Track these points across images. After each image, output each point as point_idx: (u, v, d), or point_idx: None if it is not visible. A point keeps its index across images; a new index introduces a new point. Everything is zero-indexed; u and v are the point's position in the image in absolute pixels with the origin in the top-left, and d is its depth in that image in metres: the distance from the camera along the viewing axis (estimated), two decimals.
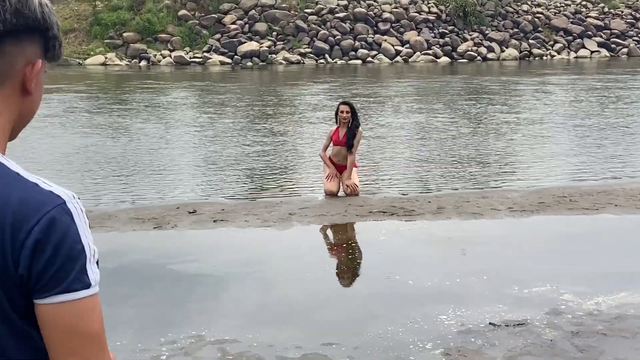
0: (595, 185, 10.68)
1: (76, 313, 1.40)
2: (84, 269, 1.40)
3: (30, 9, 1.48)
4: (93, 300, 1.42)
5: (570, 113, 19.99)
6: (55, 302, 1.38)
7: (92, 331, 1.42)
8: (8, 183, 1.41)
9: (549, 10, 55.63)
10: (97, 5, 48.90)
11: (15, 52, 1.49)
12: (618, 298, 6.10)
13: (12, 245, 1.36)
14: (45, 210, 1.39)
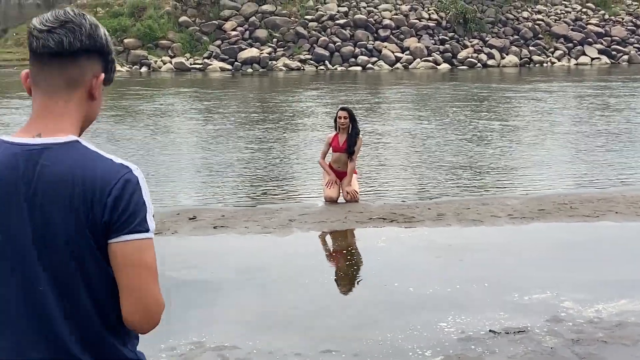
0: (596, 193, 10.67)
1: (138, 249, 1.93)
2: (145, 219, 1.95)
3: (98, 35, 2.02)
4: (150, 242, 1.96)
5: (570, 120, 20.00)
6: (124, 240, 1.92)
7: (148, 264, 1.95)
8: (93, 159, 1.96)
9: (549, 17, 55.69)
10: (98, 11, 48.95)
11: (86, 66, 2.01)
12: (618, 305, 6.08)
13: (100, 201, 1.91)
14: (120, 176, 1.93)
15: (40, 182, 1.93)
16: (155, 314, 1.99)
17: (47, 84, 2.00)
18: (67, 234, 1.92)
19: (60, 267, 1.94)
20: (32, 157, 1.94)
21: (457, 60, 49.50)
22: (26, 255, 1.94)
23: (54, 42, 1.96)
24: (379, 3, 52.93)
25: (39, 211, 1.93)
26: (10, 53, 47.09)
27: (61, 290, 1.95)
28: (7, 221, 1.94)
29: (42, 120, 1.99)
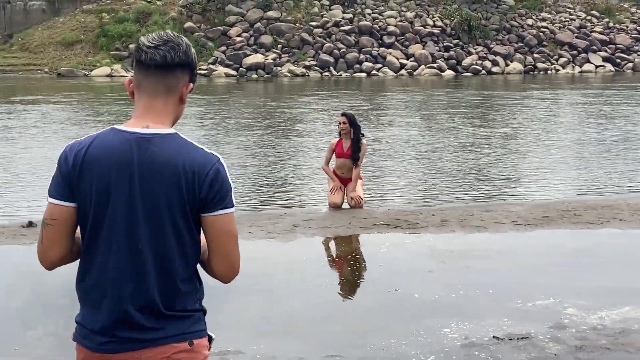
0: (600, 200, 10.67)
1: (227, 220, 2.55)
2: (231, 198, 2.57)
3: (191, 53, 2.60)
4: (233, 216, 2.57)
5: (577, 127, 20.01)
6: (217, 214, 2.52)
7: (234, 232, 2.59)
8: (190, 149, 2.53)
9: (553, 25, 55.72)
10: (104, 17, 49.09)
11: (180, 76, 2.58)
12: (622, 312, 6.08)
13: (198, 182, 2.48)
14: (213, 163, 2.53)
15: (150, 163, 2.47)
16: (238, 268, 2.65)
17: (151, 89, 2.55)
18: (169, 203, 2.48)
19: (162, 230, 2.50)
20: (143, 143, 2.49)
21: (462, 67, 49.54)
22: (137, 219, 2.49)
23: (160, 57, 2.52)
24: (384, 10, 53.01)
25: (147, 184, 2.48)
26: (16, 58, 47.17)
27: (159, 249, 2.51)
28: (121, 192, 2.48)
29: (147, 115, 2.55)
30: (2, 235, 8.68)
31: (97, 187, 2.49)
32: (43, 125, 19.89)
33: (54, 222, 2.54)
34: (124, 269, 2.51)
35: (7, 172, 13.21)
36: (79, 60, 46.08)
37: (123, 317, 2.52)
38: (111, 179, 2.48)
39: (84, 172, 2.50)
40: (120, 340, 2.53)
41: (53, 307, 6.33)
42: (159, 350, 2.54)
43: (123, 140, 2.49)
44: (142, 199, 2.48)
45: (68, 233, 2.57)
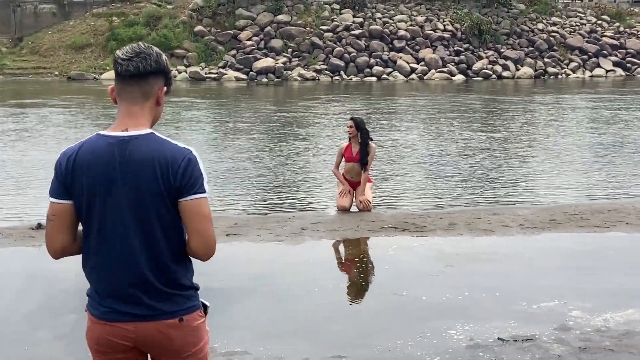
0: (607, 203, 10.69)
1: (200, 204, 2.90)
2: (202, 184, 2.90)
3: (162, 61, 2.96)
4: (207, 199, 2.92)
5: (584, 131, 20.01)
6: (190, 199, 2.88)
7: (207, 213, 2.93)
8: (164, 144, 2.90)
9: (564, 29, 55.64)
10: (114, 20, 49.29)
11: (154, 82, 2.94)
12: (626, 315, 6.12)
13: (172, 173, 2.85)
14: (184, 155, 2.87)
15: (130, 161, 2.86)
16: (213, 247, 2.98)
17: (129, 96, 2.93)
18: (151, 194, 2.87)
19: (146, 217, 2.89)
20: (123, 145, 2.88)
21: (472, 72, 49.50)
22: (120, 210, 2.89)
23: (133, 67, 2.89)
24: (395, 14, 53.05)
25: (129, 179, 2.87)
26: (26, 61, 47.39)
27: (145, 233, 2.91)
28: (108, 189, 2.89)
29: (127, 120, 2.93)
30: (11, 237, 8.77)
31: (87, 186, 2.91)
32: (44, 129, 20.03)
33: (54, 217, 2.98)
34: (117, 253, 2.92)
35: (17, 174, 13.33)
36: (89, 63, 46.26)
37: (118, 294, 2.95)
38: (98, 178, 2.89)
39: (76, 174, 2.92)
40: (118, 312, 2.96)
41: (62, 307, 6.40)
42: (151, 325, 2.96)
43: (106, 144, 2.90)
44: (126, 193, 2.89)
45: (67, 226, 2.98)
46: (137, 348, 3.03)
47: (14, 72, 45.17)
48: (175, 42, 47.19)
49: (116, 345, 3.00)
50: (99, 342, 3.03)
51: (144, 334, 2.97)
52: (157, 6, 51.42)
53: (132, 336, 2.98)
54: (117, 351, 3.02)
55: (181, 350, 3.04)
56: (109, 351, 3.03)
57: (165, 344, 3.01)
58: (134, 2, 52.78)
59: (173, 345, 3.02)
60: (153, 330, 2.97)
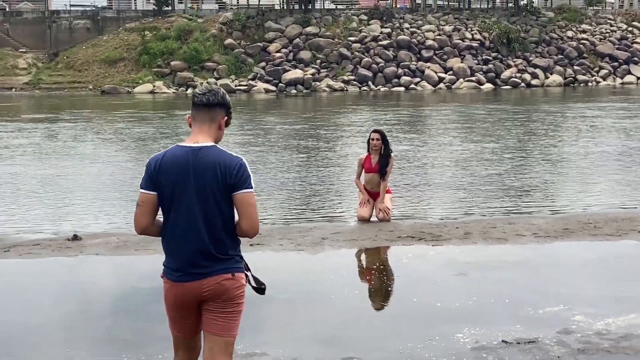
0: (622, 212, 10.94)
1: (248, 196, 4.00)
2: (250, 182, 4.01)
3: (225, 98, 4.14)
4: (253, 193, 4.02)
5: (607, 138, 20.19)
6: (241, 192, 3.99)
7: (253, 203, 4.02)
8: (223, 153, 4.02)
9: (594, 37, 55.47)
10: (146, 35, 50.05)
11: (218, 112, 4.11)
12: (628, 319, 6.41)
13: (228, 174, 3.96)
14: (237, 162, 3.99)
15: (200, 164, 3.99)
16: (257, 228, 4.09)
17: (200, 119, 4.11)
18: (212, 188, 3.98)
19: (207, 204, 4.00)
20: (194, 152, 4.03)
21: (501, 80, 49.57)
22: (191, 198, 4.01)
23: (205, 100, 4.10)
24: (422, 24, 53.31)
25: (199, 178, 3.99)
26: (61, 76, 48.29)
27: (206, 215, 4.01)
28: (184, 183, 4.01)
29: (198, 136, 4.09)
30: (49, 247, 9.24)
31: (168, 181, 4.03)
32: (76, 145, 20.57)
33: (142, 204, 4.10)
34: (187, 229, 4.03)
35: (57, 188, 13.87)
36: (122, 77, 47.04)
37: (188, 260, 4.05)
38: (177, 175, 4.02)
39: (161, 172, 4.04)
40: (188, 274, 4.06)
41: (96, 319, 6.83)
42: (212, 279, 4.05)
43: (183, 151, 4.06)
44: (195, 187, 4.00)
45: (151, 211, 4.11)
46: (201, 303, 4.11)
47: (49, 87, 46.11)
48: (206, 55, 47.83)
49: (187, 302, 4.10)
50: (175, 300, 4.12)
51: (207, 287, 4.04)
52: (188, 20, 52.13)
53: (198, 291, 4.06)
54: (188, 307, 4.11)
55: (232, 298, 4.11)
56: (182, 307, 4.12)
57: (222, 292, 4.07)
58: (166, 16, 53.57)
59: (227, 293, 4.09)
60: (213, 283, 4.05)
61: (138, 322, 6.54)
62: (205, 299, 4.08)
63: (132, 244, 9.32)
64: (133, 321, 6.58)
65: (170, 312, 4.20)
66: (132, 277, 7.98)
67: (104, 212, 11.72)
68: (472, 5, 62.53)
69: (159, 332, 6.27)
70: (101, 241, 9.51)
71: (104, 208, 12.01)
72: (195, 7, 56.51)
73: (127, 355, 5.80)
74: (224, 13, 53.61)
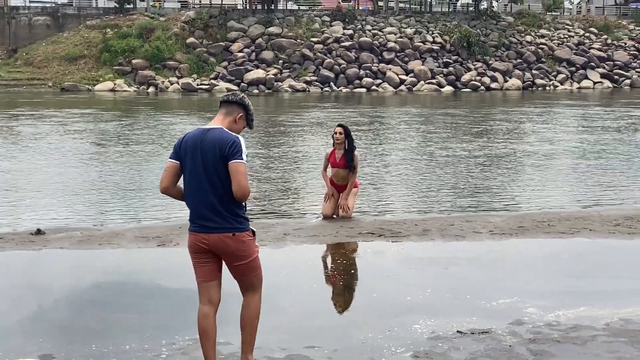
0: (575, 211, 11.29)
1: (237, 166, 4.88)
2: (240, 155, 4.90)
3: (244, 100, 5.21)
4: (243, 164, 4.90)
5: (563, 141, 20.64)
6: (234, 161, 4.89)
7: (242, 171, 4.90)
8: (224, 133, 5.00)
9: (552, 42, 56.43)
10: (107, 32, 49.82)
11: (235, 109, 5.17)
12: (577, 312, 6.69)
13: (224, 147, 4.90)
14: (233, 138, 4.95)
15: (206, 141, 4.96)
16: (247, 192, 4.91)
17: (220, 112, 5.15)
18: (214, 160, 4.92)
19: (210, 173, 4.93)
20: (205, 132, 5.02)
21: (461, 83, 50.23)
22: (199, 169, 4.97)
23: (226, 98, 5.21)
24: (384, 26, 53.79)
25: (205, 153, 4.94)
26: (20, 72, 47.88)
27: (210, 181, 4.94)
28: (194, 154, 4.98)
29: (213, 122, 5.12)
30: (12, 241, 9.31)
31: (186, 153, 5.04)
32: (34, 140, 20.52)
33: (168, 169, 5.13)
34: (196, 190, 5.01)
35: (17, 183, 13.88)
36: (83, 75, 46.81)
37: (200, 215, 5.01)
38: (191, 148, 5.01)
39: (182, 147, 5.08)
40: (200, 226, 5.03)
41: (63, 310, 6.95)
42: (216, 235, 4.99)
43: (199, 132, 5.09)
44: (202, 157, 4.96)
45: (172, 175, 5.13)
46: (212, 252, 5.05)
47: (8, 83, 45.67)
48: (168, 54, 47.79)
49: (200, 248, 5.06)
50: (192, 246, 5.10)
51: (213, 240, 5.00)
52: (150, 18, 52.00)
53: (206, 242, 5.02)
54: (202, 251, 5.07)
55: (236, 255, 5.05)
56: (198, 251, 5.08)
57: (225, 248, 5.02)
58: (127, 14, 53.34)
59: (229, 250, 5.03)
60: (217, 238, 4.99)
61: (105, 313, 6.67)
62: (217, 252, 5.06)
63: (96, 239, 9.43)
64: (100, 312, 6.71)
65: (191, 258, 5.17)
66: (97, 270, 8.08)
67: (66, 207, 11.78)
68: (434, 8, 63.23)
69: (126, 323, 6.43)
70: (65, 235, 9.60)
71: (67, 203, 12.07)
72: (157, 5, 56.39)
73: (95, 344, 5.94)
74: (187, 12, 53.60)
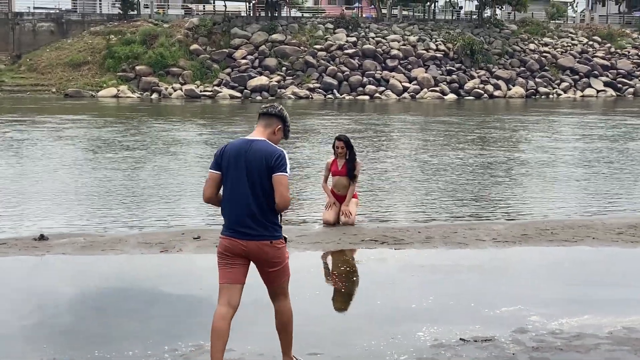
0: (578, 219, 11.27)
1: (283, 177, 5.17)
2: (286, 168, 5.19)
3: (283, 113, 5.45)
4: (286, 176, 5.18)
5: (566, 149, 20.63)
6: (279, 174, 5.16)
7: (285, 183, 5.19)
8: (269, 146, 5.25)
9: (555, 50, 56.39)
10: (111, 38, 49.88)
11: (274, 121, 5.38)
12: (581, 320, 6.68)
13: (270, 159, 5.17)
14: (278, 152, 5.21)
15: (251, 151, 5.20)
16: (288, 203, 5.21)
17: (260, 124, 5.37)
18: (259, 170, 5.16)
19: (254, 182, 5.17)
20: (249, 142, 5.26)
21: (464, 91, 50.19)
22: (242, 178, 5.20)
23: (266, 110, 5.41)
24: (388, 34, 53.81)
25: (250, 162, 5.18)
26: (24, 78, 47.92)
27: (253, 190, 5.18)
28: (237, 164, 5.21)
29: (255, 134, 5.33)
30: (15, 247, 9.31)
31: (228, 162, 5.26)
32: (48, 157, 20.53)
33: (210, 179, 5.36)
34: (240, 199, 5.22)
35: (20, 188, 13.89)
36: (86, 81, 46.84)
37: (238, 222, 5.23)
38: (234, 158, 5.23)
39: (223, 157, 5.30)
40: (238, 232, 5.24)
41: (65, 315, 6.95)
42: (254, 243, 5.23)
43: (241, 142, 5.33)
44: (246, 166, 5.19)
45: (215, 185, 5.37)
46: (246, 257, 5.29)
47: (12, 89, 45.73)
48: (171, 60, 47.82)
49: (232, 253, 5.28)
50: (224, 249, 5.32)
51: (251, 247, 5.24)
52: (154, 25, 52.07)
53: (244, 248, 5.25)
54: (235, 255, 5.29)
55: (271, 262, 5.32)
56: (227, 256, 5.31)
57: (262, 255, 5.28)
58: (131, 20, 53.44)
59: (266, 257, 5.29)
60: (255, 246, 5.24)
61: (107, 319, 6.68)
62: (252, 259, 5.32)
63: (99, 244, 9.43)
64: (103, 318, 6.72)
65: (219, 261, 5.38)
66: (100, 276, 8.08)
67: (70, 212, 11.79)
68: (437, 16, 63.27)
69: (129, 329, 6.43)
70: (68, 241, 9.60)
71: (71, 209, 12.08)
72: (161, 12, 56.48)
73: (98, 350, 5.93)
74: (190, 18, 53.65)
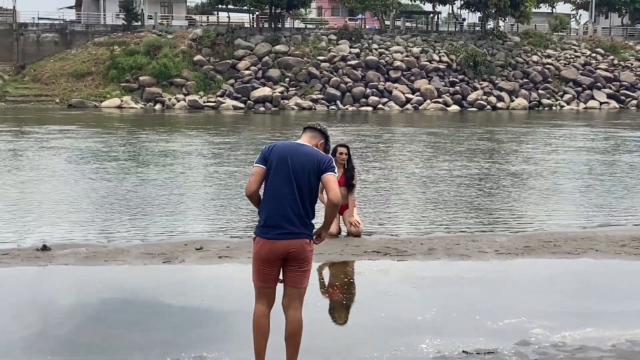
0: (581, 232, 11.24)
1: (332, 177, 5.54)
2: (334, 170, 5.57)
3: (325, 129, 5.88)
4: (334, 175, 5.56)
5: (569, 161, 20.62)
6: (329, 174, 5.52)
7: (335, 180, 5.56)
8: (318, 152, 5.63)
9: (558, 62, 56.47)
10: (115, 49, 50.01)
11: (318, 135, 5.81)
12: (584, 332, 6.66)
13: (322, 163, 5.53)
14: (328, 158, 5.60)
15: (300, 152, 5.56)
16: (339, 197, 5.48)
17: (306, 135, 5.80)
18: (308, 170, 5.49)
19: (302, 181, 5.49)
20: (299, 145, 5.66)
21: (467, 102, 50.27)
22: (288, 176, 5.48)
23: (312, 125, 5.88)
24: (391, 45, 53.91)
25: (299, 162, 5.50)
26: (28, 89, 48.06)
27: (300, 189, 5.48)
28: (285, 162, 5.49)
29: (304, 140, 5.74)
30: (17, 257, 9.30)
31: (276, 159, 5.51)
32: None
33: (255, 173, 5.56)
34: (285, 197, 5.45)
35: (22, 199, 13.90)
36: (90, 91, 46.96)
37: (279, 222, 5.42)
38: (282, 156, 5.51)
39: (272, 152, 5.55)
40: (282, 232, 5.43)
41: (66, 326, 6.94)
42: (297, 241, 5.46)
43: (292, 143, 5.69)
44: (293, 165, 5.47)
45: (259, 180, 5.56)
46: (283, 258, 5.46)
47: (15, 100, 45.86)
48: (175, 71, 47.95)
49: (275, 256, 5.44)
50: (267, 254, 5.45)
51: (295, 245, 5.44)
52: (158, 36, 52.23)
53: (285, 247, 5.43)
54: (274, 260, 5.47)
55: (306, 260, 5.55)
56: (269, 260, 5.46)
57: (302, 253, 5.49)
58: (135, 31, 53.59)
59: (304, 255, 5.52)
60: (299, 244, 5.46)
61: (109, 330, 6.67)
62: (289, 257, 5.46)
63: (102, 255, 9.42)
64: (105, 328, 6.71)
65: (258, 264, 5.54)
66: (102, 287, 8.08)
67: (72, 223, 11.79)
68: (440, 28, 63.38)
69: (131, 339, 6.42)
70: (70, 252, 9.59)
71: (73, 220, 12.07)
72: (165, 23, 56.65)
73: None
74: (194, 29, 53.83)
